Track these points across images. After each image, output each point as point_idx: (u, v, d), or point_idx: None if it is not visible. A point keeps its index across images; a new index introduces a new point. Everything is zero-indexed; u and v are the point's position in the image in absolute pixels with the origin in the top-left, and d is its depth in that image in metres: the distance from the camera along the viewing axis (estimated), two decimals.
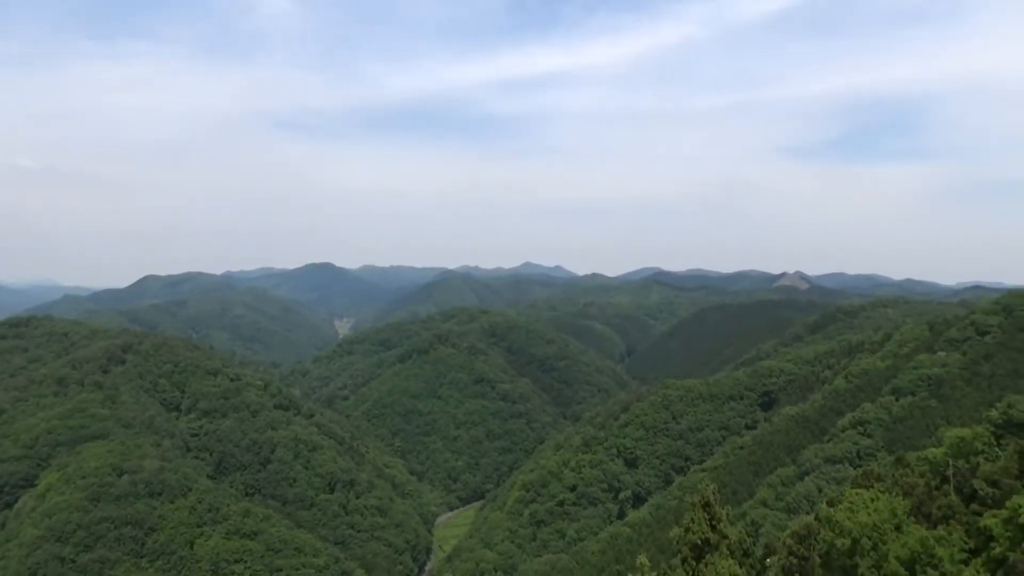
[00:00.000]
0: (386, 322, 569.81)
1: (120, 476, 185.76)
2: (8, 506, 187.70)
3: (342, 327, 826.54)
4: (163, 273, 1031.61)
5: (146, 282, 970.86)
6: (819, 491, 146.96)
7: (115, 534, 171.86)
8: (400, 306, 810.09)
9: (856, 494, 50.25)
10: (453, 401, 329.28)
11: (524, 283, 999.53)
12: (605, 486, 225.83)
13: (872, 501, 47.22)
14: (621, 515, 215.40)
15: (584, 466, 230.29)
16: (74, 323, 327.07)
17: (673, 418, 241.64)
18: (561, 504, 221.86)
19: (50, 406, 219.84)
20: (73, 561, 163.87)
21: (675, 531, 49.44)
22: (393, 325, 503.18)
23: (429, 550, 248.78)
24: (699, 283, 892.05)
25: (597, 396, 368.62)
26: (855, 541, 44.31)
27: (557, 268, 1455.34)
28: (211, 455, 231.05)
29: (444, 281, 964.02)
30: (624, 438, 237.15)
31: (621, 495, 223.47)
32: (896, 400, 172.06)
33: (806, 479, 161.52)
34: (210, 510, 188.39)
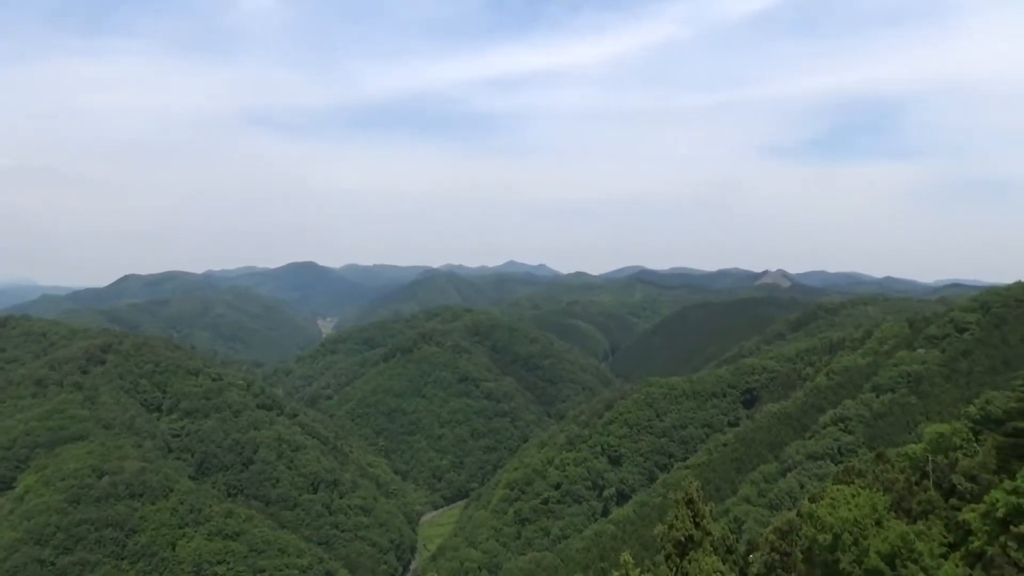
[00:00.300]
0: (369, 321, 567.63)
1: (100, 477, 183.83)
2: None
3: (325, 326, 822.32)
4: (143, 272, 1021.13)
5: (126, 281, 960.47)
6: (801, 487, 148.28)
7: (95, 536, 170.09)
8: (383, 305, 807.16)
9: (837, 490, 50.69)
10: (437, 400, 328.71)
11: (508, 282, 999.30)
12: (589, 484, 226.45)
13: (853, 497, 47.66)
14: (605, 513, 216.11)
15: (568, 464, 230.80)
16: (53, 323, 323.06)
17: (657, 416, 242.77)
18: (546, 502, 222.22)
19: (28, 407, 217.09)
20: (52, 564, 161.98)
21: (659, 528, 49.62)
22: (376, 324, 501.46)
23: (414, 549, 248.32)
24: (682, 281, 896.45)
25: (581, 394, 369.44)
26: (836, 536, 44.70)
27: (541, 267, 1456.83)
28: (193, 456, 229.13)
29: (428, 280, 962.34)
30: (608, 436, 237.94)
31: (605, 493, 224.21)
32: (876, 397, 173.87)
33: (788, 476, 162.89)
34: (192, 511, 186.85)
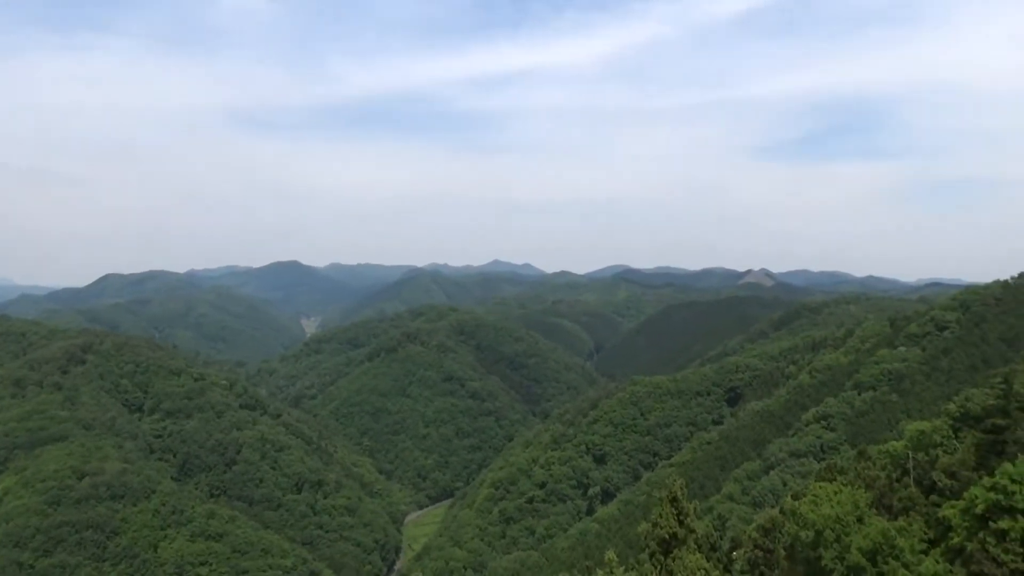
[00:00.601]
0: (354, 321, 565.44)
1: (80, 479, 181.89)
2: None
3: (309, 326, 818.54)
4: (124, 271, 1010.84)
5: (107, 281, 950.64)
6: (784, 485, 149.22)
7: (75, 538, 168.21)
8: (368, 304, 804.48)
9: (820, 487, 51.02)
10: (422, 399, 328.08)
11: (493, 281, 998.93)
12: (574, 483, 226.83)
13: (835, 494, 47.98)
14: (590, 511, 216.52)
15: (553, 463, 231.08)
16: (32, 323, 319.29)
17: (641, 414, 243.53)
18: (530, 501, 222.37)
19: (7, 408, 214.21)
20: (32, 567, 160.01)
21: (643, 526, 49.75)
22: (361, 323, 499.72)
23: (398, 549, 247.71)
24: (666, 280, 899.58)
25: (566, 393, 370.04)
26: (818, 533, 44.99)
27: (526, 266, 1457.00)
28: (175, 456, 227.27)
29: (412, 279, 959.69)
30: (593, 435, 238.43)
31: (590, 491, 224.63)
32: (858, 395, 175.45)
33: (771, 473, 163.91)
34: (174, 512, 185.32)
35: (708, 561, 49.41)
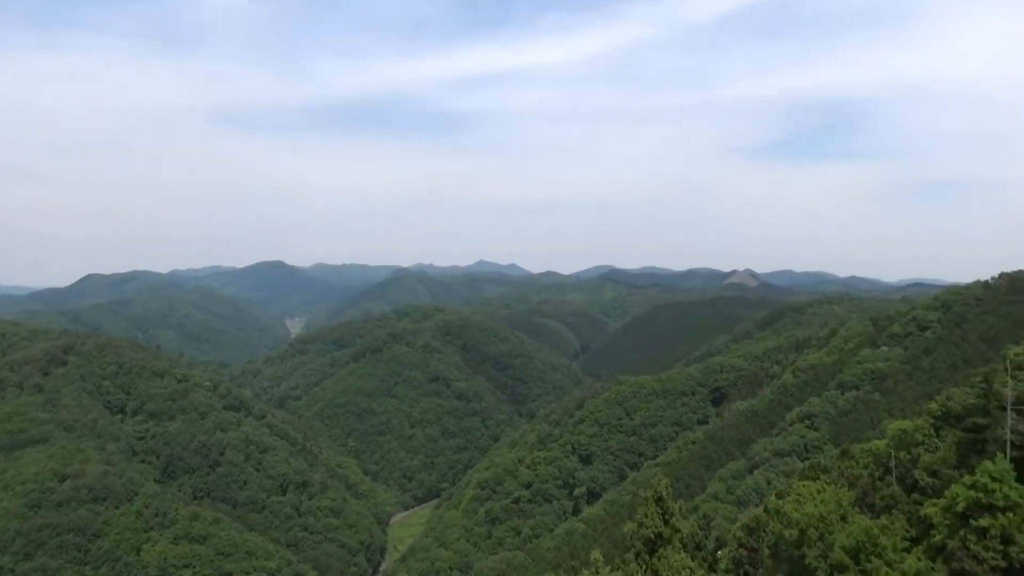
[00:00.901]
0: (339, 321, 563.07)
1: (62, 482, 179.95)
2: None
3: (294, 326, 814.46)
4: (106, 272, 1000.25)
5: (88, 281, 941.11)
6: (768, 484, 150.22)
7: (56, 541, 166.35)
8: (353, 305, 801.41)
9: (803, 486, 51.37)
10: (408, 400, 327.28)
11: (479, 281, 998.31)
12: (560, 483, 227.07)
13: (818, 493, 48.34)
14: (576, 511, 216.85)
15: (539, 463, 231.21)
16: (12, 324, 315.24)
17: (627, 414, 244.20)
18: (516, 502, 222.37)
19: None
20: (12, 570, 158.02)
21: (628, 526, 49.87)
22: (346, 324, 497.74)
23: (384, 550, 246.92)
24: (652, 281, 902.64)
25: (552, 393, 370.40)
26: (802, 532, 45.30)
27: (512, 266, 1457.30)
28: (158, 458, 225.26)
29: (398, 279, 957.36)
30: (579, 435, 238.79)
31: (576, 491, 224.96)
32: (841, 394, 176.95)
33: (756, 472, 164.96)
34: (157, 515, 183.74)
35: (693, 560, 49.61)
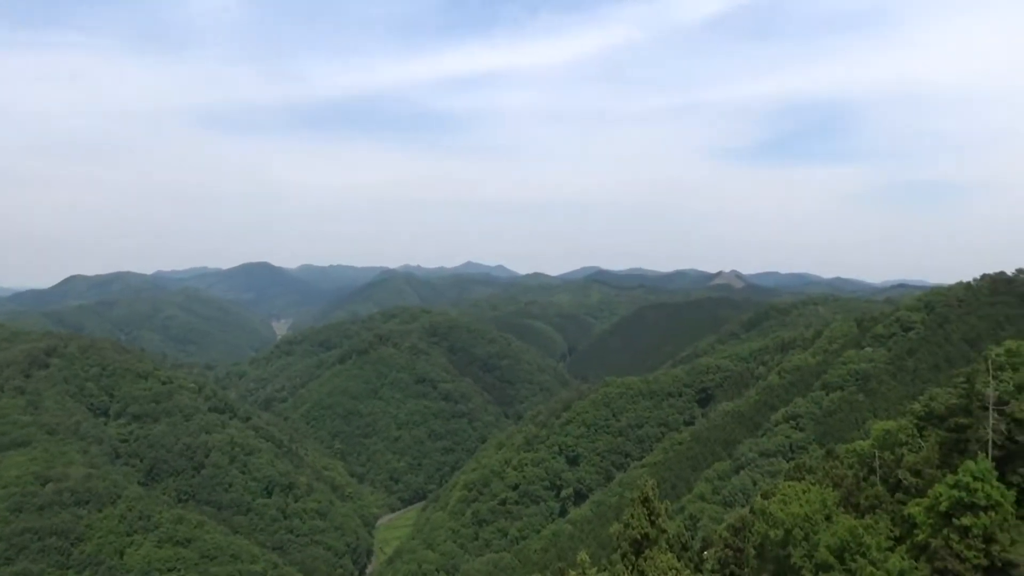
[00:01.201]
0: (325, 322, 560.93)
1: (44, 485, 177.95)
2: None
3: (280, 328, 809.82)
4: (90, 273, 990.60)
5: (71, 282, 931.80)
6: (754, 484, 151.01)
7: (39, 545, 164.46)
8: (340, 306, 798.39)
9: (789, 486, 51.69)
10: (394, 402, 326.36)
11: (466, 282, 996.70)
12: (547, 484, 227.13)
13: (804, 493, 48.64)
14: (563, 513, 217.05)
15: (526, 465, 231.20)
16: None
17: (613, 415, 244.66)
18: (503, 503, 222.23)
19: None
20: None
21: (615, 527, 49.91)
22: (333, 325, 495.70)
23: (370, 552, 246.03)
24: (638, 282, 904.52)
25: (539, 395, 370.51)
26: (788, 532, 45.56)
27: (499, 267, 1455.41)
28: (142, 461, 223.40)
29: (385, 281, 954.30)
30: (566, 436, 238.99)
31: (563, 493, 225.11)
32: (826, 395, 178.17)
33: (741, 473, 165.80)
34: (141, 518, 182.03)
35: (679, 561, 49.76)
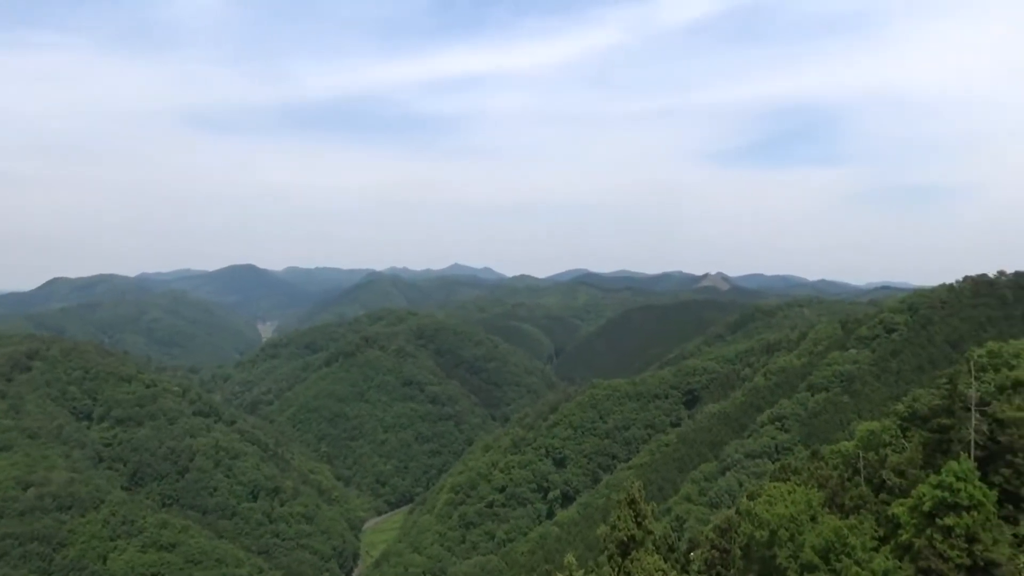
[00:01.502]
0: (311, 325, 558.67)
1: (25, 490, 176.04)
2: None
3: (266, 330, 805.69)
4: (72, 275, 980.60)
5: (54, 284, 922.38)
6: (740, 485, 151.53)
7: (20, 551, 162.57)
8: (326, 308, 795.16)
9: (774, 487, 51.92)
10: (381, 404, 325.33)
11: (453, 284, 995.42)
12: (534, 486, 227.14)
13: (789, 494, 48.89)
14: (550, 515, 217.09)
15: (513, 467, 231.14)
16: None
17: (600, 417, 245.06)
18: (490, 505, 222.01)
19: None
20: None
21: (602, 529, 49.92)
22: (319, 328, 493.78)
23: (356, 556, 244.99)
24: (625, 284, 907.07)
25: (526, 397, 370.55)
26: (773, 532, 45.74)
27: (486, 269, 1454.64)
28: (125, 465, 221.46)
29: (371, 283, 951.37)
30: (552, 438, 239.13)
31: (550, 495, 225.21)
32: (811, 396, 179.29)
33: (728, 474, 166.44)
34: (124, 523, 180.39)
35: (666, 562, 49.86)
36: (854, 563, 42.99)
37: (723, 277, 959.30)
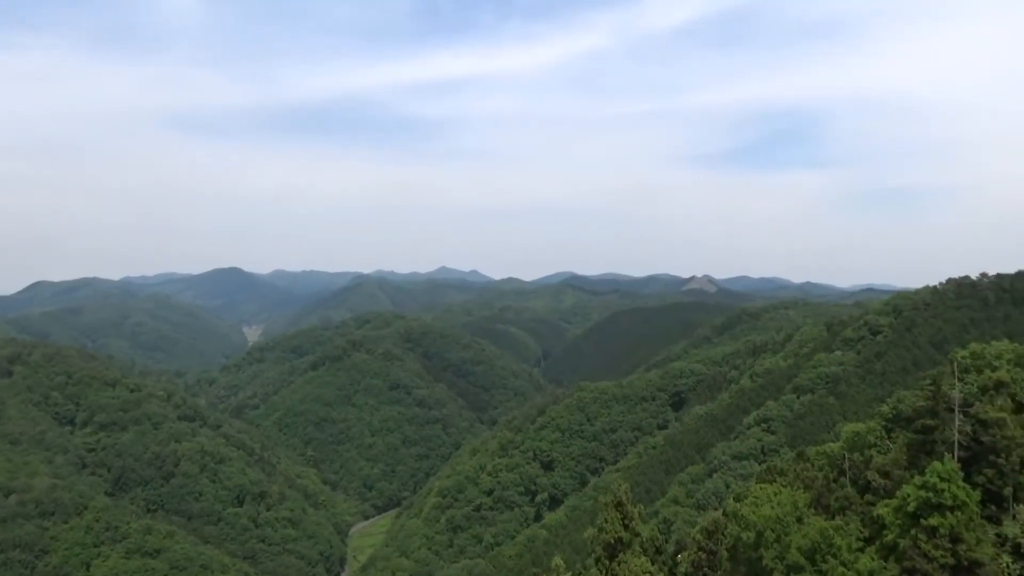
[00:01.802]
0: (298, 328, 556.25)
1: (7, 496, 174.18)
2: None
3: (252, 334, 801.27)
4: (55, 279, 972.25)
5: (36, 288, 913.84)
6: (727, 487, 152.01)
7: (1, 558, 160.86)
8: (312, 312, 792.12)
9: (760, 489, 52.13)
10: (368, 408, 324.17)
11: (440, 287, 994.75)
12: (522, 489, 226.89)
13: (775, 495, 49.09)
14: (538, 518, 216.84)
15: (501, 470, 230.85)
16: None
17: (588, 420, 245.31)
18: (478, 509, 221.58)
19: None
20: None
21: (589, 531, 50.01)
22: (305, 331, 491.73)
23: (343, 561, 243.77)
24: (612, 287, 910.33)
25: (513, 400, 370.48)
26: (759, 534, 45.89)
27: (473, 272, 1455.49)
28: (109, 471, 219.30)
29: (358, 286, 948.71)
30: (540, 441, 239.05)
31: (538, 498, 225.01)
32: (797, 398, 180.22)
33: (715, 476, 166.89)
34: (108, 529, 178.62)
35: (653, 564, 49.97)
36: (840, 564, 43.22)
37: (710, 279, 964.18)
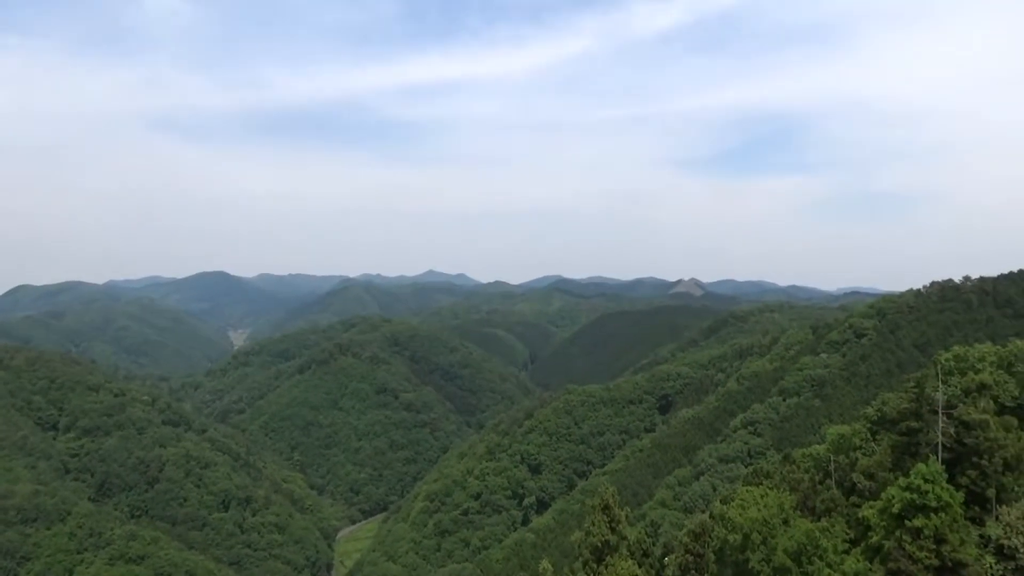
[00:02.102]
0: (284, 332, 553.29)
1: None
2: None
3: (237, 338, 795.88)
4: (38, 282, 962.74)
5: (19, 292, 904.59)
6: (714, 490, 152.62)
7: None
8: (299, 315, 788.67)
9: (747, 491, 52.39)
10: (355, 412, 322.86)
11: (427, 291, 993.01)
12: (509, 493, 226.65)
13: (762, 497, 49.34)
14: (525, 521, 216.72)
15: (488, 474, 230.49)
16: None
17: (575, 423, 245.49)
18: (466, 513, 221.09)
19: None
20: None
21: (576, 535, 50.03)
22: (292, 335, 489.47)
23: (330, 566, 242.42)
24: (599, 290, 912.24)
25: (501, 403, 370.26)
26: (746, 536, 46.10)
27: (460, 276, 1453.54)
28: (93, 476, 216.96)
29: (345, 289, 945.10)
30: (528, 444, 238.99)
31: (525, 501, 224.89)
32: (783, 400, 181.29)
33: (702, 479, 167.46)
34: (91, 535, 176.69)
35: (640, 567, 50.03)
36: (826, 565, 43.50)
37: (696, 283, 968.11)
